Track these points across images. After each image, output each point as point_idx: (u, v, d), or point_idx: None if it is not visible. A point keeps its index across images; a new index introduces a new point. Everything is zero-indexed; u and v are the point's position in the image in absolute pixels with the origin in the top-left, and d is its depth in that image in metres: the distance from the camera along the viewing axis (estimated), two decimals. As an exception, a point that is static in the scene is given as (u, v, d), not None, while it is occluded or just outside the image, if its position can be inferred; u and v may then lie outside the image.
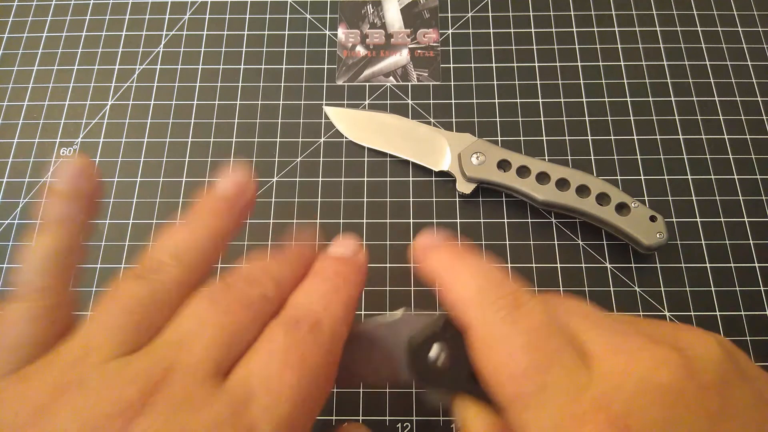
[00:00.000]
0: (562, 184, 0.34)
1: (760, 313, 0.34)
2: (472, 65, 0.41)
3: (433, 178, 0.38)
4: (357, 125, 0.39)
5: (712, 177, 0.37)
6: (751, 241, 0.35)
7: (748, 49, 0.41)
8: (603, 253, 0.35)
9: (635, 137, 0.38)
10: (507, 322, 0.17)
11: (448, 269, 0.19)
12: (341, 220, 0.36)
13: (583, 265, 0.35)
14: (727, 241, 0.35)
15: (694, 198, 0.37)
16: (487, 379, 0.17)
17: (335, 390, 0.32)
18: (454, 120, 0.39)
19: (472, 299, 0.17)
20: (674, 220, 0.36)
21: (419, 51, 0.42)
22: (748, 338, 0.33)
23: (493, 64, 0.41)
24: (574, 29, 0.42)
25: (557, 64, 0.41)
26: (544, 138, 0.38)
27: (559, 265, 0.35)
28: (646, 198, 0.37)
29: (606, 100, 0.40)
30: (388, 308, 0.34)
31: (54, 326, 0.17)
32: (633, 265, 0.35)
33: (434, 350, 0.17)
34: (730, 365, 0.16)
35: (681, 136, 0.38)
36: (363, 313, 0.34)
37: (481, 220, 0.36)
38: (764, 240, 0.35)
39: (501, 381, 0.16)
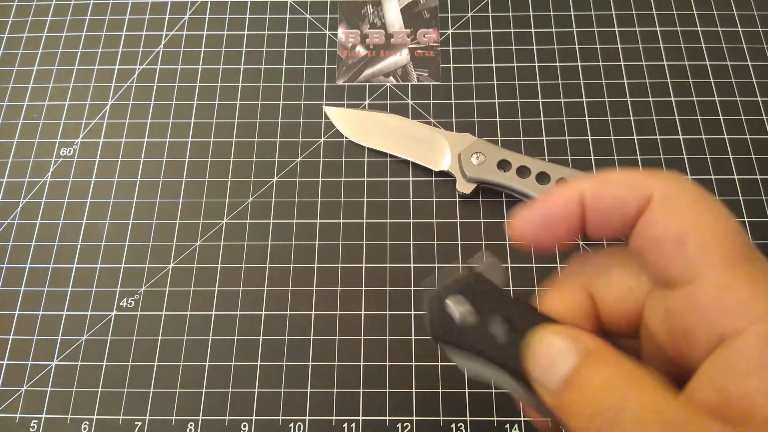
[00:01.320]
0: (562, 184, 0.34)
1: (760, 313, 0.34)
2: (472, 65, 0.41)
3: (433, 178, 0.38)
4: (357, 125, 0.39)
5: (712, 177, 0.37)
6: (751, 241, 0.35)
7: (748, 49, 0.41)
8: (603, 253, 0.35)
9: (635, 137, 0.38)
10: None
11: None
12: (341, 220, 0.36)
13: (583, 265, 0.35)
14: (727, 241, 0.35)
15: (694, 198, 0.37)
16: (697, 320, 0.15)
17: (335, 390, 0.32)
18: (454, 120, 0.39)
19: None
20: (674, 220, 0.36)
21: (419, 51, 0.42)
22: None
23: (493, 64, 0.41)
24: (574, 29, 0.42)
25: (557, 64, 0.41)
26: (544, 138, 0.38)
27: (559, 265, 0.35)
28: (646, 198, 0.37)
29: (606, 100, 0.40)
30: (389, 308, 0.34)
31: None
32: (633, 265, 0.35)
33: (461, 307, 0.15)
34: None
35: (681, 136, 0.38)
36: (363, 313, 0.34)
37: (481, 220, 0.36)
38: (764, 240, 0.35)
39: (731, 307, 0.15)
